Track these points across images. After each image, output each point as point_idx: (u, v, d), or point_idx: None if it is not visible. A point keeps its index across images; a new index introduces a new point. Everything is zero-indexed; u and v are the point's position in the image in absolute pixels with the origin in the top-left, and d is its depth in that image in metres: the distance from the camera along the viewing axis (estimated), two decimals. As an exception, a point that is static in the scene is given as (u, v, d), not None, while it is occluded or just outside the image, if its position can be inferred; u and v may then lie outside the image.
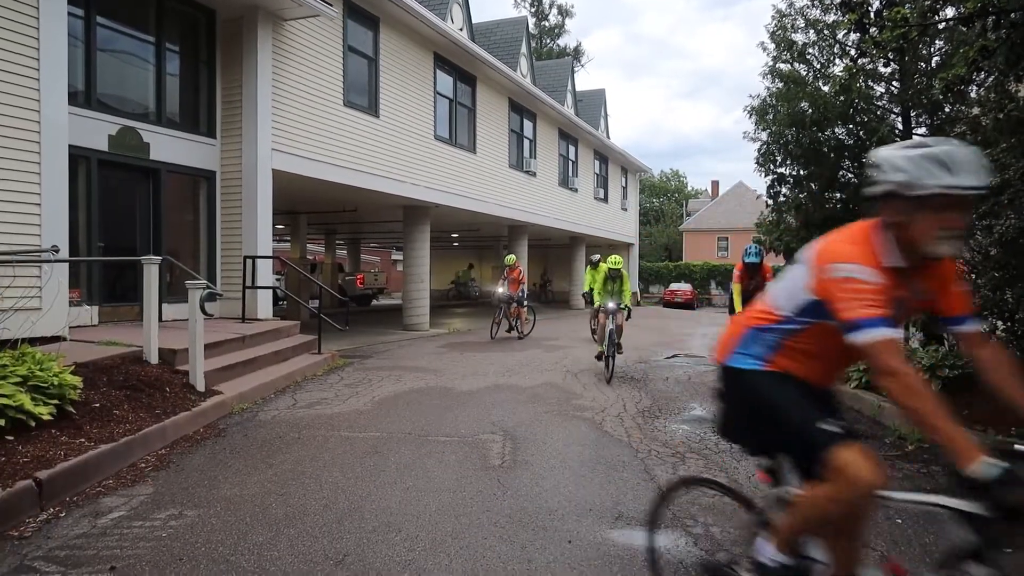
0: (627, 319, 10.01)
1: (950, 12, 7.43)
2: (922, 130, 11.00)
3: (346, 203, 16.61)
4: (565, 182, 23.56)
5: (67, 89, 7.62)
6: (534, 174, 20.72)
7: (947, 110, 10.46)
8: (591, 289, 13.92)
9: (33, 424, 4.74)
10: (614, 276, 9.93)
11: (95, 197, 8.83)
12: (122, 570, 3.32)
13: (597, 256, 15.19)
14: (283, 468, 4.98)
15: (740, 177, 78.31)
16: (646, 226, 55.88)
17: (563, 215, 23.18)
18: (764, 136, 11.49)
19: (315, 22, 11.41)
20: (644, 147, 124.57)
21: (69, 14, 7.75)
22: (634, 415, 6.94)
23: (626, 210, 30.81)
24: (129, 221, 9.60)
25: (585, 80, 69.89)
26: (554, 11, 46.93)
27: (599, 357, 9.67)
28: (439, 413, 6.89)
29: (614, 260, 10.01)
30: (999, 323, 6.82)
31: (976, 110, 8.97)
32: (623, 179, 30.42)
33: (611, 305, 9.64)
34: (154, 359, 6.93)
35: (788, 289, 2.30)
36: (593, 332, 13.64)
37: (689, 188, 72.10)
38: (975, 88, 9.52)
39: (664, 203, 66.84)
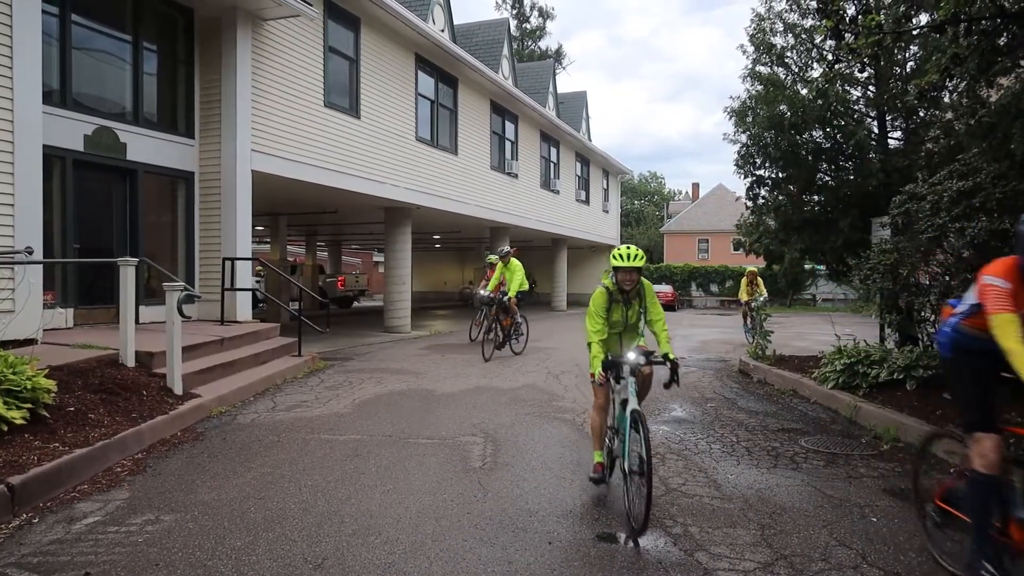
0: (676, 382, 4.57)
1: (924, 19, 7.57)
2: (897, 134, 11.19)
3: (327, 204, 16.52)
4: (547, 184, 23.62)
5: (41, 88, 7.51)
6: (516, 176, 20.75)
7: (921, 115, 10.65)
8: (497, 289, 11.46)
9: (5, 428, 4.66)
10: (628, 291, 4.62)
11: (71, 198, 8.69)
12: (97, 576, 3.28)
13: (505, 248, 12.52)
14: (262, 472, 4.94)
15: (720, 179, 79.13)
16: (627, 228, 56.24)
17: (545, 217, 23.23)
18: (743, 138, 11.62)
19: (295, 22, 11.34)
20: (626, 150, 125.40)
21: (44, 12, 7.64)
22: (615, 416, 6.97)
23: (607, 212, 30.95)
24: (106, 222, 9.47)
25: (567, 83, 70.18)
26: (535, 13, 47.20)
27: (595, 481, 4.49)
28: (420, 415, 6.88)
29: (624, 254, 4.49)
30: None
31: (950, 114, 9.15)
32: (604, 181, 30.55)
33: (633, 358, 4.39)
34: (131, 362, 6.84)
35: None
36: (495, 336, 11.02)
37: (668, 190, 72.72)
38: (948, 93, 9.71)
39: (645, 205, 67.32)
